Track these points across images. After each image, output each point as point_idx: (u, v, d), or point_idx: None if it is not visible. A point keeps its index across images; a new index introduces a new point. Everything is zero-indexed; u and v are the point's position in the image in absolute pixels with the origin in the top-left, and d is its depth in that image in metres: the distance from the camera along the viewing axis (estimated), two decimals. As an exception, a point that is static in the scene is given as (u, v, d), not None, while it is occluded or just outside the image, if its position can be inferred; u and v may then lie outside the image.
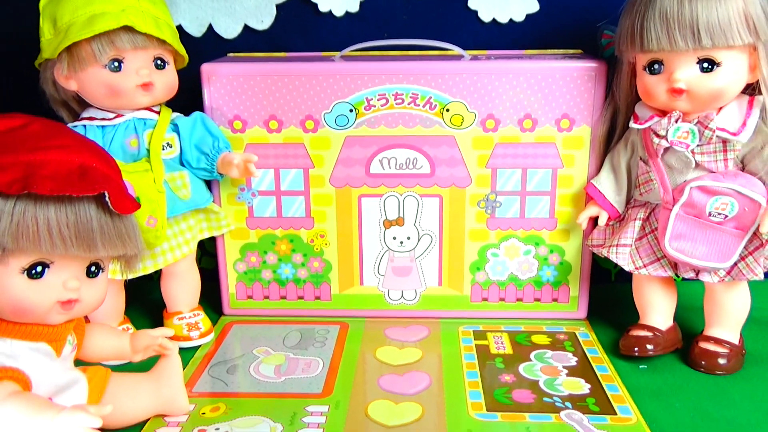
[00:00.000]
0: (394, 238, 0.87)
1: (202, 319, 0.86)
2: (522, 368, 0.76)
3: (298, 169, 0.85)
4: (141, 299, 0.94)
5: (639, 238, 0.78)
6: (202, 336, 0.84)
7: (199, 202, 0.82)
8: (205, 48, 0.93)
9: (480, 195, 0.84)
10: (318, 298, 0.90)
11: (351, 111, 0.82)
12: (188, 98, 0.82)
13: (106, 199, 0.54)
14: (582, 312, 0.89)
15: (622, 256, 0.78)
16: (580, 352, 0.80)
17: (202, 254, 0.99)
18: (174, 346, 0.68)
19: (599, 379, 0.74)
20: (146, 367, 0.69)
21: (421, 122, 0.82)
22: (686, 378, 0.75)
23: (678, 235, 0.73)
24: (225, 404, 0.70)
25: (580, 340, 0.83)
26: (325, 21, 0.93)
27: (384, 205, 0.86)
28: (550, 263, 0.87)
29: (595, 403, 0.69)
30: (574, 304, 0.89)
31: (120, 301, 0.84)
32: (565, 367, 0.77)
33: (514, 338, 0.84)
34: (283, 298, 0.90)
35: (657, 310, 0.80)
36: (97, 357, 0.67)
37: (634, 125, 0.76)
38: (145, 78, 0.75)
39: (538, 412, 0.68)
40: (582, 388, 0.72)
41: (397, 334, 0.85)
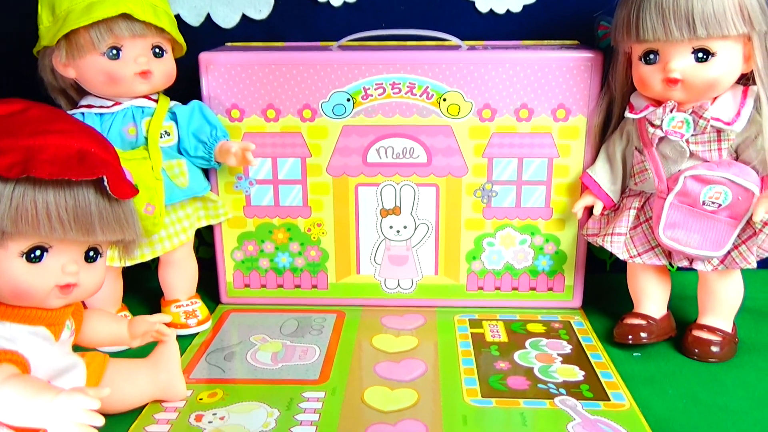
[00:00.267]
0: (391, 227, 0.87)
1: (200, 307, 0.86)
2: (517, 356, 0.77)
3: (296, 158, 0.85)
4: (139, 288, 0.94)
5: (633, 227, 0.79)
6: (199, 324, 0.84)
7: (197, 191, 0.83)
8: (203, 37, 0.93)
9: (476, 184, 0.85)
10: (315, 286, 0.91)
11: (348, 100, 0.82)
12: (186, 87, 0.82)
13: (105, 183, 0.54)
14: (577, 301, 0.89)
15: (617, 245, 0.78)
16: (574, 340, 0.81)
17: (200, 244, 0.99)
18: (172, 331, 0.69)
19: (593, 367, 0.75)
20: (144, 353, 0.69)
21: (418, 112, 0.82)
22: (679, 365, 0.75)
23: (672, 224, 0.74)
24: (222, 390, 0.71)
25: (575, 328, 0.84)
26: (322, 10, 0.94)
27: (381, 194, 0.86)
28: (545, 252, 0.88)
29: (588, 389, 0.70)
30: (569, 293, 0.89)
31: (118, 288, 0.84)
32: (559, 355, 0.77)
33: (510, 327, 0.84)
34: (280, 286, 0.91)
35: (651, 298, 0.80)
36: (95, 342, 0.68)
37: (629, 115, 0.76)
38: (144, 66, 0.75)
39: (532, 398, 0.69)
40: (576, 375, 0.73)
41: (394, 323, 0.86)
